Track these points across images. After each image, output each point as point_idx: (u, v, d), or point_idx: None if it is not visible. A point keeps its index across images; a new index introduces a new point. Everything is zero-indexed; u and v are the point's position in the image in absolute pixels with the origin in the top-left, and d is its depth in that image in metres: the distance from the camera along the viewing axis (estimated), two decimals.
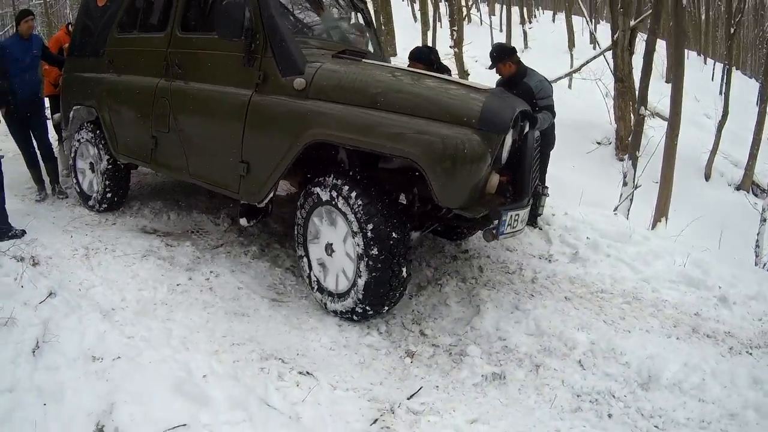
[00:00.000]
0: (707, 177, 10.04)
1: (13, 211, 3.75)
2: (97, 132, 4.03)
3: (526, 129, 3.04)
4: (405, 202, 3.39)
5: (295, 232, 3.09)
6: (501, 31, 13.58)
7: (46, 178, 4.51)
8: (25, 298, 2.39)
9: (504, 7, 13.58)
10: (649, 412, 2.46)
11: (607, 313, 3.39)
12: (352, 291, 2.80)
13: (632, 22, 8.41)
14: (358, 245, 2.72)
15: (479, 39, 14.07)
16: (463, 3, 17.98)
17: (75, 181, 4.32)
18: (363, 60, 3.24)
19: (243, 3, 3.04)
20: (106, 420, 1.78)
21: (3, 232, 3.42)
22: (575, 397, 2.46)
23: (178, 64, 3.46)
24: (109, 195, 4.03)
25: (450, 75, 5.20)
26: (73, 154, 4.27)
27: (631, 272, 3.92)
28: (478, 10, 15.38)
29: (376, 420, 2.00)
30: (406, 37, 16.12)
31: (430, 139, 2.54)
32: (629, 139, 7.87)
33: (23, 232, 3.48)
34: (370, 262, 2.68)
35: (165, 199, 4.36)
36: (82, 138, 4.13)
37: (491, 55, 4.33)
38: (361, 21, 4.45)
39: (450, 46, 9.64)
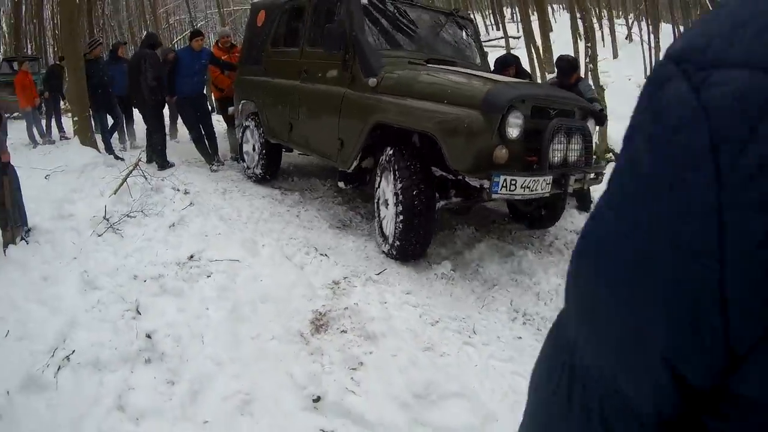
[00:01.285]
0: None
1: (181, 168, 5.82)
2: (257, 122, 5.72)
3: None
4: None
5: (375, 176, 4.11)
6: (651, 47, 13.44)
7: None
8: (174, 207, 4.04)
9: (649, 27, 13.27)
10: None
11: None
12: (389, 240, 3.74)
13: None
14: (395, 212, 3.63)
15: (638, 57, 14.01)
16: (624, 23, 17.68)
17: (241, 150, 6.06)
18: (429, 65, 4.26)
19: (340, 26, 4.39)
20: (196, 254, 3.24)
21: (164, 165, 5.82)
22: (508, 309, 3.15)
23: (305, 70, 4.94)
24: (260, 172, 5.65)
25: (530, 79, 6.00)
26: (242, 134, 6.07)
27: None
28: (640, 29, 15.23)
29: (345, 277, 3.11)
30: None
31: (443, 118, 3.41)
32: None
33: (172, 164, 5.88)
34: (399, 225, 3.55)
35: (297, 169, 5.97)
36: (249, 125, 5.88)
37: (565, 68, 5.08)
38: (466, 35, 5.50)
39: (585, 63, 10.05)
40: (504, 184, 3.27)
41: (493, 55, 5.80)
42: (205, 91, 6.73)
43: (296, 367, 2.24)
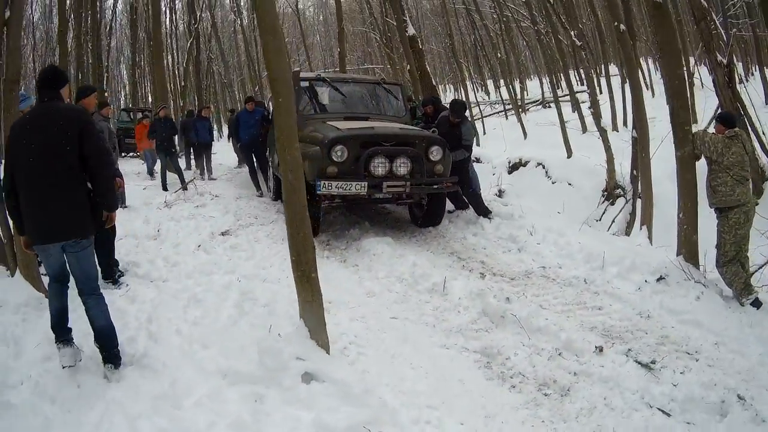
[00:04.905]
0: None
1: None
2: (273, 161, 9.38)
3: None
4: None
5: None
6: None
7: (263, 185, 10.08)
8: (204, 200, 8.07)
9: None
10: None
11: (463, 255, 6.49)
12: None
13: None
14: None
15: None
16: None
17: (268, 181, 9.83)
18: (328, 121, 7.21)
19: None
20: (199, 209, 6.97)
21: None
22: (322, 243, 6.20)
23: None
24: (273, 195, 9.23)
25: (443, 112, 8.35)
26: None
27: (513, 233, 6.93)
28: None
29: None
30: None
31: (304, 152, 6.23)
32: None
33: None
34: None
35: None
36: (272, 163, 9.52)
37: (460, 110, 7.61)
38: (393, 96, 8.38)
39: (588, 108, 12.35)
40: (323, 186, 6.16)
41: None
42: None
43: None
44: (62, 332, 3.45)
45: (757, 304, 5.15)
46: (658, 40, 6.09)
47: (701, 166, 5.65)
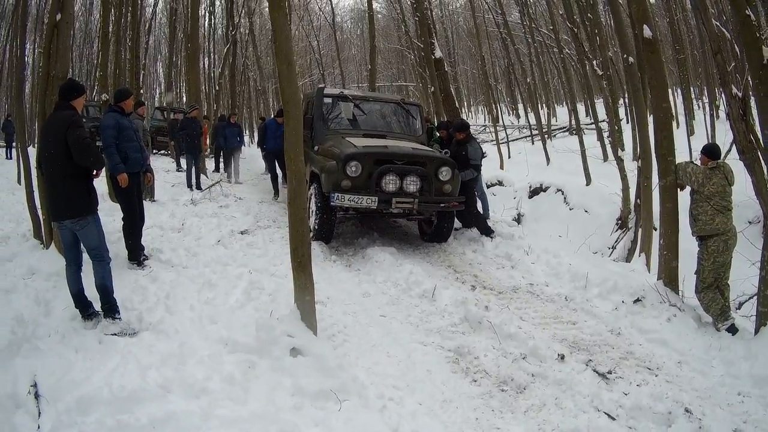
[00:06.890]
0: None
1: (246, 190, 10.51)
2: None
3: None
4: None
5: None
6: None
7: (282, 191, 10.96)
8: (227, 201, 8.86)
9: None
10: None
11: (459, 269, 7.20)
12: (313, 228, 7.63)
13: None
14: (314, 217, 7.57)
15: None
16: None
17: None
18: (347, 136, 8.12)
19: (311, 118, 8.51)
20: (223, 209, 7.90)
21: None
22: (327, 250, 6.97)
23: (304, 140, 9.17)
24: None
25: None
26: None
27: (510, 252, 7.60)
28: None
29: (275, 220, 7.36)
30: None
31: (322, 165, 7.37)
32: None
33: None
34: (315, 222, 7.38)
35: None
36: None
37: (461, 127, 8.46)
38: (410, 115, 9.20)
39: (607, 137, 12.80)
40: (337, 198, 6.96)
41: None
42: None
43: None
44: (83, 310, 4.36)
45: (733, 330, 5.56)
46: (647, 75, 6.57)
47: (686, 195, 6.14)
